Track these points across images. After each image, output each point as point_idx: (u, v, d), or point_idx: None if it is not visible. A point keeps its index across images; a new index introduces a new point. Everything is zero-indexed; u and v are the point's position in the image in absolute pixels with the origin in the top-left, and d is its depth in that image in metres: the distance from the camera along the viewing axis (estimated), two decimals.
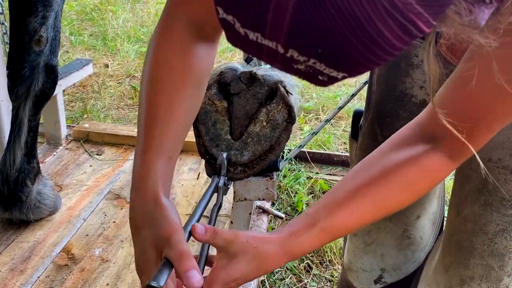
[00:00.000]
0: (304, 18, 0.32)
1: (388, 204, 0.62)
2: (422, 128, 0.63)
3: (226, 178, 0.85)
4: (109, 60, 3.32)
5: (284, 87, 0.98)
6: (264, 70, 1.03)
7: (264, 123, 0.97)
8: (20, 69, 1.45)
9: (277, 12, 0.33)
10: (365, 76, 1.28)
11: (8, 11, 1.49)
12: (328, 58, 0.34)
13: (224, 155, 0.91)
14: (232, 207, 1.16)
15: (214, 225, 0.71)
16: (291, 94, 0.99)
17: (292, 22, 0.33)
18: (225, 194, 0.85)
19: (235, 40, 0.38)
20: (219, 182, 0.82)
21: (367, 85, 0.99)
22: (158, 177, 0.62)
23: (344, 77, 0.36)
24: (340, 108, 1.18)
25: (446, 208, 1.02)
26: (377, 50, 0.33)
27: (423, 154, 0.62)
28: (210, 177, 0.93)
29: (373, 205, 0.61)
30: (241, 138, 0.98)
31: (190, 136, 2.34)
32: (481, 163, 0.58)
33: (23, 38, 1.42)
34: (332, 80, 0.37)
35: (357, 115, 1.02)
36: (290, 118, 0.97)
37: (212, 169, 0.95)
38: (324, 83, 0.37)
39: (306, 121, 2.69)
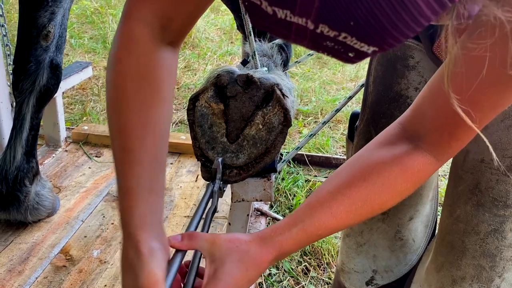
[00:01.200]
0: None
1: (370, 205, 0.61)
2: (405, 127, 0.63)
3: (221, 182, 0.85)
4: None
5: (280, 90, 0.99)
6: (261, 73, 1.03)
7: (260, 126, 0.98)
8: (26, 64, 1.46)
9: None
10: (362, 79, 1.29)
11: (7, 14, 1.50)
12: (360, 31, 0.34)
13: (220, 159, 0.91)
14: (230, 209, 1.17)
15: (208, 229, 0.70)
16: (287, 97, 1.00)
17: None
18: (221, 197, 0.86)
19: (262, 20, 0.37)
20: (214, 187, 0.83)
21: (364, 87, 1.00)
22: (138, 220, 0.59)
23: (374, 52, 0.36)
24: (338, 110, 1.19)
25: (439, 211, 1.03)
26: (407, 18, 0.33)
27: (405, 153, 0.61)
28: (207, 180, 0.94)
29: (354, 205, 0.60)
30: (237, 140, 0.98)
31: (189, 139, 2.33)
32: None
33: (31, 32, 1.43)
34: (361, 56, 0.36)
35: (354, 116, 1.03)
36: (286, 121, 0.98)
37: (207, 172, 0.95)
38: (352, 60, 0.37)
39: (305, 124, 2.69)
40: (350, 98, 1.22)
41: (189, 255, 0.64)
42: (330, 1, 0.33)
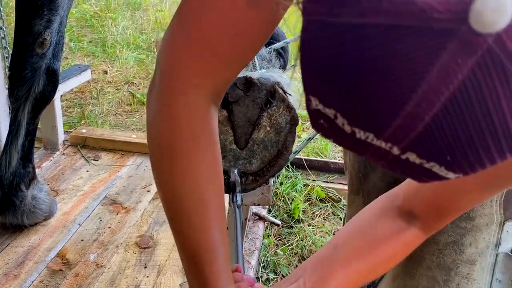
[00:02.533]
0: (443, 127, 0.30)
1: (374, 274, 0.67)
2: (400, 205, 0.66)
3: (242, 194, 0.84)
4: (108, 67, 3.33)
5: (282, 88, 0.97)
6: (258, 73, 1.02)
7: (268, 128, 0.96)
8: (21, 71, 1.46)
9: (409, 120, 0.30)
10: None
11: (7, 17, 1.50)
12: (454, 164, 0.31)
13: (235, 170, 0.89)
14: (228, 213, 1.16)
15: (242, 244, 0.73)
16: (289, 94, 0.98)
17: (424, 131, 0.30)
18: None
19: (329, 133, 0.34)
20: (237, 201, 0.82)
21: None
22: (226, 278, 0.60)
23: (457, 177, 0.33)
24: None
25: None
26: (509, 154, 0.31)
27: (405, 230, 0.65)
28: None
29: (363, 276, 0.66)
30: (247, 146, 0.96)
31: None
32: None
33: (27, 40, 1.43)
34: (441, 179, 0.33)
35: None
36: (293, 120, 0.96)
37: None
38: (428, 181, 0.34)
39: (304, 129, 2.69)
40: None
41: None
42: (431, 136, 0.30)
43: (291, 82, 1.05)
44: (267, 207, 1.93)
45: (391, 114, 0.30)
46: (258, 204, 1.07)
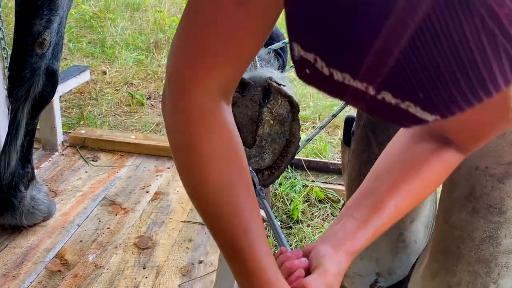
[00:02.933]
0: (412, 61, 0.30)
1: (422, 196, 0.68)
2: (431, 129, 0.66)
3: (261, 188, 0.86)
4: (107, 67, 3.33)
5: (276, 81, 0.98)
6: (249, 74, 1.03)
7: (271, 122, 0.97)
8: (21, 71, 1.46)
9: (380, 54, 0.31)
10: None
11: (6, 18, 1.50)
12: (427, 102, 0.32)
13: (250, 168, 0.90)
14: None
15: (279, 228, 0.75)
16: (283, 85, 0.99)
17: (395, 66, 0.31)
18: (268, 202, 0.87)
19: (311, 78, 0.36)
20: (260, 195, 0.83)
21: None
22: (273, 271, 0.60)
23: (435, 120, 0.34)
24: (335, 115, 1.19)
25: None
26: (481, 92, 0.31)
27: (442, 149, 0.66)
28: None
29: (412, 199, 0.66)
30: (255, 144, 0.97)
31: None
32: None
33: (26, 40, 1.43)
34: (419, 122, 0.34)
35: (348, 121, 1.03)
36: (294, 107, 0.96)
37: None
38: (408, 125, 0.35)
39: (303, 129, 2.69)
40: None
41: None
42: (402, 70, 0.31)
43: (284, 76, 1.06)
44: None
45: (362, 50, 0.31)
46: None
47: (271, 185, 1.21)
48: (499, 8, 0.28)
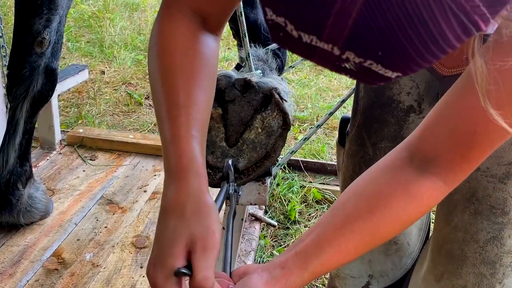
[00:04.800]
0: (368, 22, 0.33)
1: (378, 237, 0.60)
2: (412, 150, 0.60)
3: (235, 184, 0.82)
4: (106, 67, 3.33)
5: (279, 94, 0.99)
6: (258, 77, 1.04)
7: (259, 130, 0.97)
8: (20, 69, 1.46)
9: (339, 16, 0.33)
10: (351, 80, 1.29)
11: (5, 16, 1.50)
12: (386, 60, 0.35)
13: (230, 161, 0.89)
14: (224, 213, 1.17)
15: (232, 235, 0.68)
16: (285, 100, 1.00)
17: (354, 26, 0.33)
18: (237, 202, 0.83)
19: (284, 41, 0.38)
20: (229, 189, 0.80)
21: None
22: (199, 171, 0.57)
23: (397, 76, 0.37)
24: (331, 113, 1.20)
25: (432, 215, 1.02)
26: (435, 49, 0.34)
27: (414, 180, 0.58)
28: (210, 186, 0.93)
29: (362, 240, 0.59)
30: (236, 145, 0.98)
31: None
32: None
33: (26, 39, 1.43)
34: (383, 79, 0.37)
35: (344, 121, 1.03)
36: (285, 125, 0.97)
37: (209, 177, 0.95)
38: (373, 83, 0.38)
39: (300, 130, 2.70)
40: (343, 101, 1.22)
41: None
42: (361, 31, 0.33)
43: (290, 91, 1.06)
44: (264, 208, 1.93)
45: (324, 13, 0.34)
46: (255, 204, 1.07)
47: (269, 185, 1.21)
48: None
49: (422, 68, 0.36)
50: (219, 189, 0.84)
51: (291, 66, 1.44)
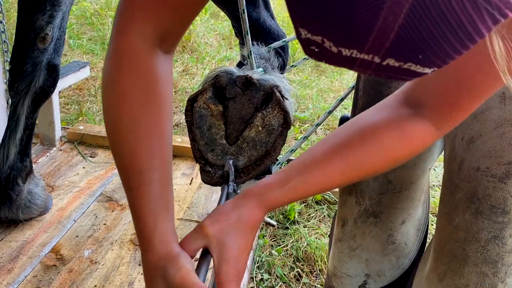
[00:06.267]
0: (409, 32, 0.35)
1: (364, 168, 0.61)
2: (407, 93, 0.63)
3: (235, 184, 0.85)
4: None
5: (280, 92, 0.99)
6: (260, 74, 1.03)
7: (260, 128, 0.97)
8: (22, 65, 1.46)
9: (382, 31, 0.35)
10: (353, 81, 1.28)
11: (7, 12, 1.50)
12: (426, 61, 0.37)
13: (231, 161, 0.90)
14: None
15: None
16: (286, 99, 0.99)
17: (395, 38, 0.35)
18: None
19: (320, 56, 0.39)
20: (229, 189, 0.82)
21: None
22: (164, 233, 0.60)
23: (433, 71, 0.39)
24: (330, 112, 1.20)
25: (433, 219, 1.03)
26: (469, 43, 0.36)
27: (406, 118, 0.61)
28: (207, 184, 0.93)
29: (348, 167, 0.60)
30: (236, 143, 0.97)
31: (185, 142, 2.32)
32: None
33: (29, 35, 1.43)
34: (419, 75, 0.39)
35: (343, 121, 1.03)
36: (286, 124, 0.97)
37: (207, 175, 0.94)
38: (409, 79, 0.40)
39: (301, 131, 2.70)
40: (342, 99, 1.23)
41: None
42: (402, 41, 0.35)
43: (291, 88, 1.06)
44: None
45: (367, 30, 0.35)
46: None
47: None
48: None
49: (455, 59, 0.38)
50: (219, 188, 0.84)
51: (292, 65, 1.44)
